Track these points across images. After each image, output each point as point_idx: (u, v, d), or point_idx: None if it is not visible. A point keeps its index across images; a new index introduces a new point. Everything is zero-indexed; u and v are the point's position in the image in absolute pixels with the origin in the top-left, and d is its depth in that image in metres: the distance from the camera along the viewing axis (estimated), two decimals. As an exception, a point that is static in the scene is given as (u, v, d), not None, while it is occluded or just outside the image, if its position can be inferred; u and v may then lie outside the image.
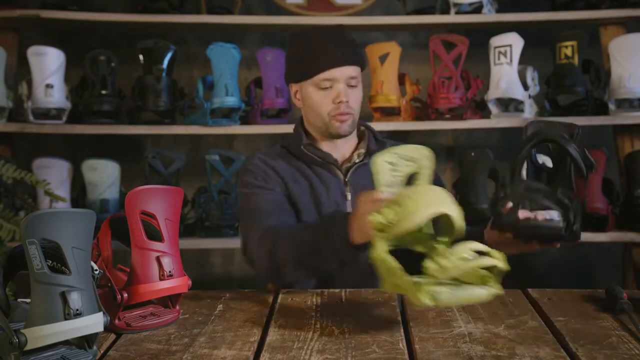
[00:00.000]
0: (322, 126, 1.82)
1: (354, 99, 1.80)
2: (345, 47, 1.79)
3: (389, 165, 1.38)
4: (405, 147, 1.42)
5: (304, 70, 1.80)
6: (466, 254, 1.22)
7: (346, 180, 1.85)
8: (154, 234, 1.39)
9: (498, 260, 1.23)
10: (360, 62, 1.82)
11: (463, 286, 1.26)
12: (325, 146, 1.87)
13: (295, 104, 1.88)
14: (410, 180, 1.41)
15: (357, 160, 1.86)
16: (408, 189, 1.29)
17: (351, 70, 1.78)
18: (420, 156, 1.41)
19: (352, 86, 1.79)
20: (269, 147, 3.32)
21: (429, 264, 1.21)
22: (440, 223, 1.30)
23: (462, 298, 1.24)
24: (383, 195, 1.35)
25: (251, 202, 1.80)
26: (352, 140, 1.90)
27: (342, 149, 1.88)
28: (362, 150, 1.88)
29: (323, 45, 1.77)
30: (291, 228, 1.68)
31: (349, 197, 1.83)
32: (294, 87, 1.86)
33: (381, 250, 1.27)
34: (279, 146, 1.93)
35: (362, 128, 1.93)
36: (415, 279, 1.23)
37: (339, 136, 1.83)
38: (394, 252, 1.30)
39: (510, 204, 1.39)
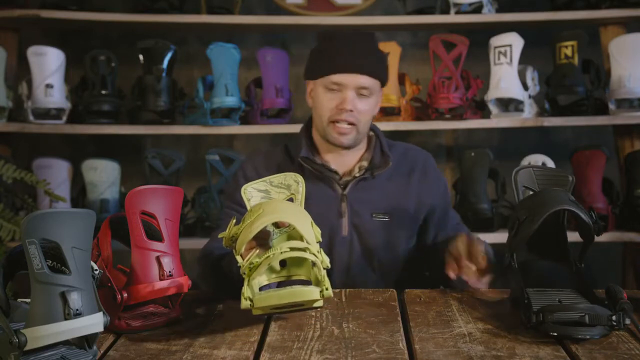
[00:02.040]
0: (322, 131, 1.77)
1: (362, 109, 1.73)
2: (364, 56, 1.73)
3: (260, 193, 1.42)
4: (276, 176, 1.44)
5: (318, 68, 1.76)
6: (280, 250, 1.26)
7: (344, 194, 1.78)
8: (154, 234, 1.39)
9: (312, 255, 1.26)
10: (378, 74, 1.75)
11: (291, 288, 1.28)
12: (328, 155, 1.80)
13: (307, 102, 1.83)
14: None
15: (357, 174, 1.79)
16: (256, 205, 1.34)
17: (364, 80, 1.72)
18: (292, 182, 1.44)
19: (362, 96, 1.73)
20: (269, 147, 3.35)
21: (240, 262, 1.27)
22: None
23: (282, 295, 1.25)
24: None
25: (222, 215, 1.82)
26: (360, 149, 1.82)
27: (346, 159, 1.81)
28: (365, 163, 1.81)
29: (342, 49, 1.72)
30: (221, 254, 1.64)
31: (346, 214, 1.77)
32: (310, 85, 1.81)
33: (243, 267, 1.31)
34: (283, 146, 1.87)
35: (372, 134, 1.85)
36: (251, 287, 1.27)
37: (337, 146, 1.77)
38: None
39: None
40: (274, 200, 1.40)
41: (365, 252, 1.78)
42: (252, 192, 1.42)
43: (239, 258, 1.33)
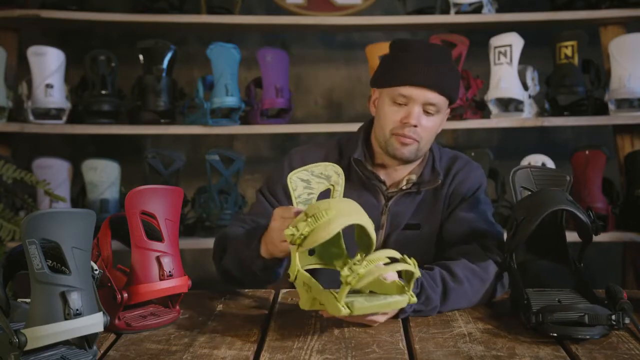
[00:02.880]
0: (383, 142, 1.68)
1: (426, 127, 1.64)
2: (436, 71, 1.63)
3: (303, 183, 1.40)
4: (317, 165, 1.42)
5: (387, 78, 1.67)
6: (380, 261, 1.25)
7: (386, 206, 1.72)
8: (154, 234, 1.39)
9: (410, 265, 1.27)
10: (448, 92, 1.65)
11: (378, 296, 1.30)
12: (380, 164, 1.73)
13: (370, 110, 1.76)
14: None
15: (404, 187, 1.72)
16: (321, 202, 1.31)
17: (432, 96, 1.62)
18: (332, 173, 1.42)
19: (428, 113, 1.64)
20: (269, 147, 3.36)
21: (344, 272, 1.23)
22: (357, 237, 1.35)
23: (377, 305, 1.27)
24: (296, 210, 1.36)
25: (254, 202, 1.78)
26: (414, 163, 1.74)
27: (398, 170, 1.73)
28: (413, 177, 1.73)
29: (415, 62, 1.63)
30: (234, 235, 1.61)
31: (384, 226, 1.71)
32: (375, 93, 1.74)
33: (299, 265, 1.32)
34: (336, 142, 1.80)
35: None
36: (332, 290, 1.27)
37: (396, 158, 1.68)
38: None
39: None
40: (342, 199, 1.36)
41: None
42: (296, 182, 1.39)
43: (298, 254, 1.31)
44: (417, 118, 1.63)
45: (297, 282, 1.33)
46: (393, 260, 1.27)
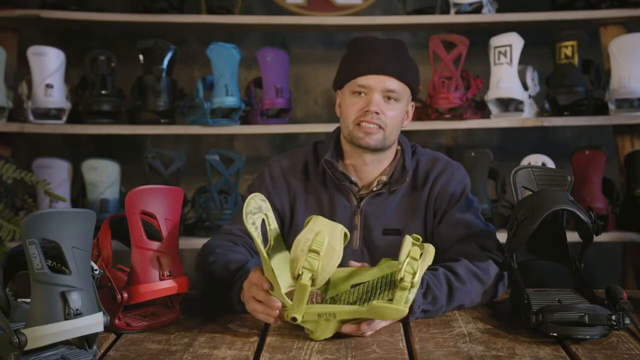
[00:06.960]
0: (348, 134, 1.69)
1: (390, 114, 1.65)
2: (391, 58, 1.65)
3: (253, 226, 1.33)
4: (247, 204, 1.32)
5: (344, 74, 1.70)
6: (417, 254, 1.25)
7: (359, 207, 1.72)
8: (154, 234, 1.39)
9: (431, 248, 1.29)
10: (406, 79, 1.67)
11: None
12: (351, 163, 1.73)
13: (336, 112, 1.75)
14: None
15: (374, 188, 1.72)
16: (304, 233, 1.26)
17: (391, 83, 1.64)
18: (260, 203, 1.37)
19: (389, 99, 1.65)
20: (269, 147, 3.36)
21: (408, 276, 1.22)
22: None
23: (415, 292, 1.27)
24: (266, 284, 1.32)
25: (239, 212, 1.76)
26: (385, 161, 1.73)
27: (369, 170, 1.73)
28: (384, 178, 1.72)
29: (368, 52, 1.66)
30: (216, 255, 1.56)
31: (358, 227, 1.71)
32: (339, 96, 1.74)
33: (305, 303, 1.28)
34: (312, 146, 1.81)
35: (398, 148, 1.76)
36: (380, 301, 1.26)
37: (362, 147, 1.67)
38: None
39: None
40: (315, 219, 1.31)
41: None
42: (251, 229, 1.30)
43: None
44: (377, 105, 1.64)
45: (306, 320, 1.29)
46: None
